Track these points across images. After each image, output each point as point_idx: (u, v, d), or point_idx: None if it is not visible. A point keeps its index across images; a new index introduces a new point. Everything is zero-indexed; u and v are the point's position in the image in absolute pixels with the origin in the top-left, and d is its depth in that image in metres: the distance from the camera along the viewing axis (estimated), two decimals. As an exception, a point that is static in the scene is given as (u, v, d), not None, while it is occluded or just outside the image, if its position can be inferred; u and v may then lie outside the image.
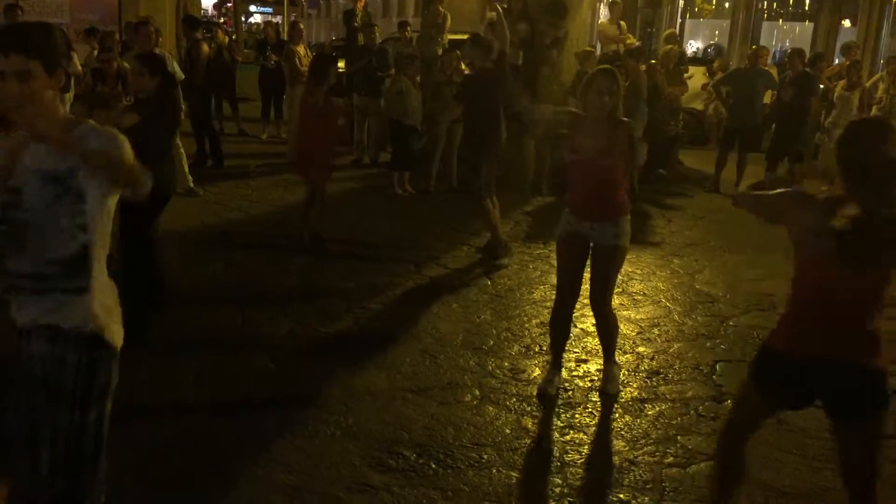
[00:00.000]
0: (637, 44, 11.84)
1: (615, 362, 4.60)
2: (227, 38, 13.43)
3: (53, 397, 2.44)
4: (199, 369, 4.49)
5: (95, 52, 10.18)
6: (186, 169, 8.65)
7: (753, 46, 13.62)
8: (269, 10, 48.27)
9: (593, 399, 4.40)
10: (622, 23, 12.26)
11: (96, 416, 2.50)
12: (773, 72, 11.86)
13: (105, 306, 2.51)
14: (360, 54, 11.01)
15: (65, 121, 2.44)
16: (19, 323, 2.47)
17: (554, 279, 6.41)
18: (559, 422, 4.13)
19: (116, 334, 2.55)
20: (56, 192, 2.36)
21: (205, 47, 10.61)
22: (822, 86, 10.52)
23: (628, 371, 4.78)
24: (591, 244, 4.33)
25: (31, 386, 2.46)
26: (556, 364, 4.56)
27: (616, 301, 5.95)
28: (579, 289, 4.52)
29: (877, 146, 2.55)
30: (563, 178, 8.99)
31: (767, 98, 10.70)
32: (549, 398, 4.37)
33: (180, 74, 8.80)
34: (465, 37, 13.37)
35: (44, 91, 2.35)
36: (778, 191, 2.86)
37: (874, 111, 11.83)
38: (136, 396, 3.77)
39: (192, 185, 8.65)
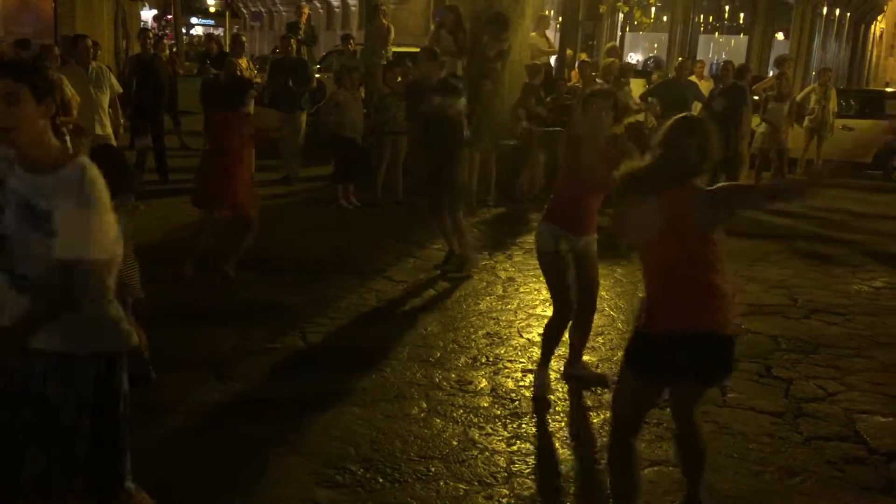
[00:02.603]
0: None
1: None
2: (168, 51, 13.32)
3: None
4: (140, 385, 4.38)
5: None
6: (126, 184, 8.48)
7: (680, 58, 13.98)
8: (211, 22, 47.77)
9: (539, 408, 4.43)
10: (549, 36, 12.50)
11: None
12: (710, 84, 12.17)
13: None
14: (276, 69, 10.82)
15: (57, 154, 2.46)
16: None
17: (499, 290, 6.49)
18: (506, 432, 4.15)
19: None
20: (31, 222, 2.40)
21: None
22: (755, 97, 10.82)
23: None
24: (574, 255, 4.53)
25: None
26: (547, 365, 4.68)
27: (561, 311, 6.02)
28: None
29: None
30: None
31: (696, 109, 10.97)
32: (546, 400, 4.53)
33: (118, 88, 8.66)
34: (410, 49, 13.48)
35: (34, 118, 2.39)
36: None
37: (806, 122, 12.23)
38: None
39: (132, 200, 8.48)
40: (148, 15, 38.91)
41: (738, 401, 4.61)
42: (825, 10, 26.11)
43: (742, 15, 25.07)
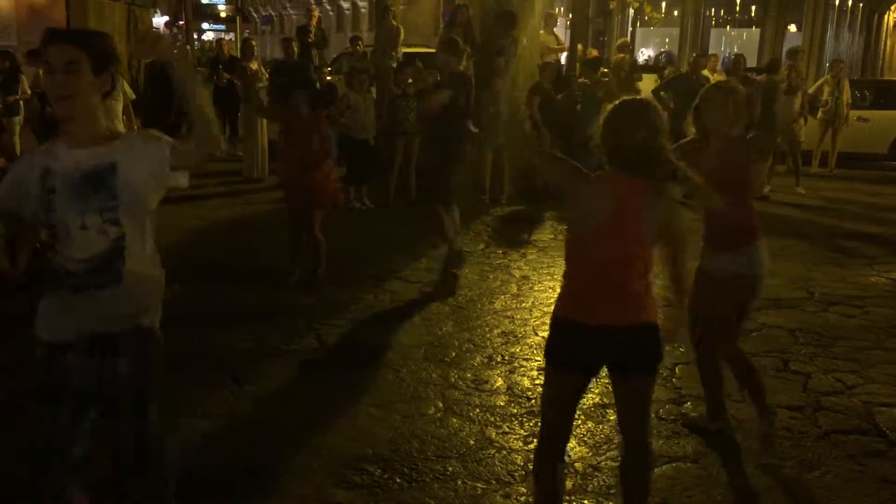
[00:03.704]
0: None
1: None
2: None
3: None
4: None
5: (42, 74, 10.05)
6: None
7: (694, 54, 13.93)
8: (222, 27, 47.97)
9: (556, 406, 4.42)
10: (557, 33, 12.48)
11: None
12: (722, 77, 12.10)
13: (138, 297, 2.53)
14: (277, 72, 10.70)
15: (107, 129, 2.49)
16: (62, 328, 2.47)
17: (514, 288, 6.49)
18: (522, 431, 4.15)
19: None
20: (91, 189, 2.39)
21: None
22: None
23: (590, 377, 4.81)
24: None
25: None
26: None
27: (576, 308, 6.01)
28: None
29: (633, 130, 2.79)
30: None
31: None
32: None
33: (131, 94, 8.72)
34: (420, 49, 13.48)
35: (90, 90, 2.38)
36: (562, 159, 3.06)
37: (820, 114, 12.15)
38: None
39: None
40: (159, 21, 39.10)
41: (755, 395, 4.58)
42: (838, 0, 25.92)
43: (753, 7, 24.91)
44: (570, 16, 19.64)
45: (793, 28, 24.27)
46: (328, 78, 12.37)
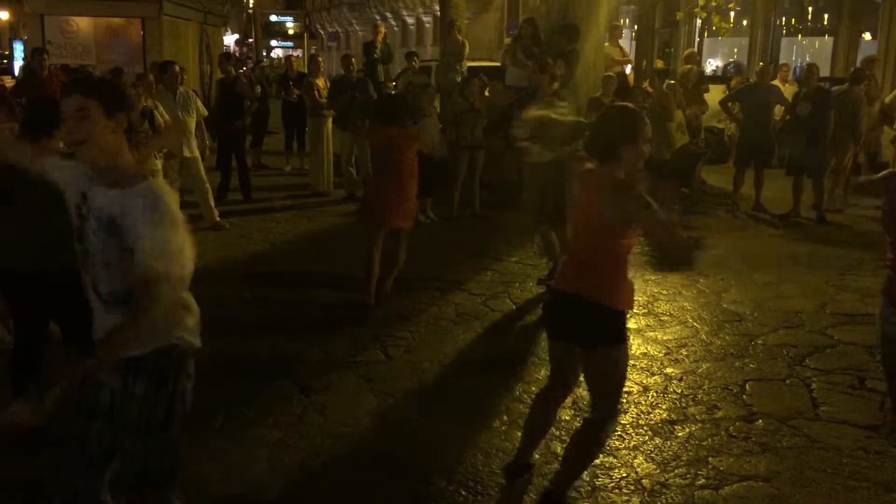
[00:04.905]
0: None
1: None
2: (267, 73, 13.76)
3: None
4: (227, 398, 4.52)
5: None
6: (212, 203, 8.78)
7: (760, 63, 13.64)
8: (290, 44, 49.10)
9: (623, 422, 4.37)
10: (622, 45, 12.37)
11: None
12: (795, 87, 11.83)
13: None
14: (341, 88, 10.79)
15: (130, 171, 2.50)
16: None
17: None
18: (588, 445, 4.10)
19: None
20: (113, 234, 2.44)
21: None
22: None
23: (657, 392, 4.75)
24: None
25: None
26: None
27: (642, 322, 5.93)
28: None
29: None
30: None
31: (779, 113, 10.69)
32: None
33: (203, 111, 8.95)
34: (484, 63, 13.52)
35: (104, 132, 2.46)
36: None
37: (896, 125, 11.75)
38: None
39: (217, 218, 8.77)
40: (230, 39, 40.15)
41: (830, 414, 4.46)
42: (915, 7, 25.04)
43: (826, 16, 24.26)
44: (636, 27, 19.47)
45: (867, 36, 23.55)
46: (392, 93, 12.47)
